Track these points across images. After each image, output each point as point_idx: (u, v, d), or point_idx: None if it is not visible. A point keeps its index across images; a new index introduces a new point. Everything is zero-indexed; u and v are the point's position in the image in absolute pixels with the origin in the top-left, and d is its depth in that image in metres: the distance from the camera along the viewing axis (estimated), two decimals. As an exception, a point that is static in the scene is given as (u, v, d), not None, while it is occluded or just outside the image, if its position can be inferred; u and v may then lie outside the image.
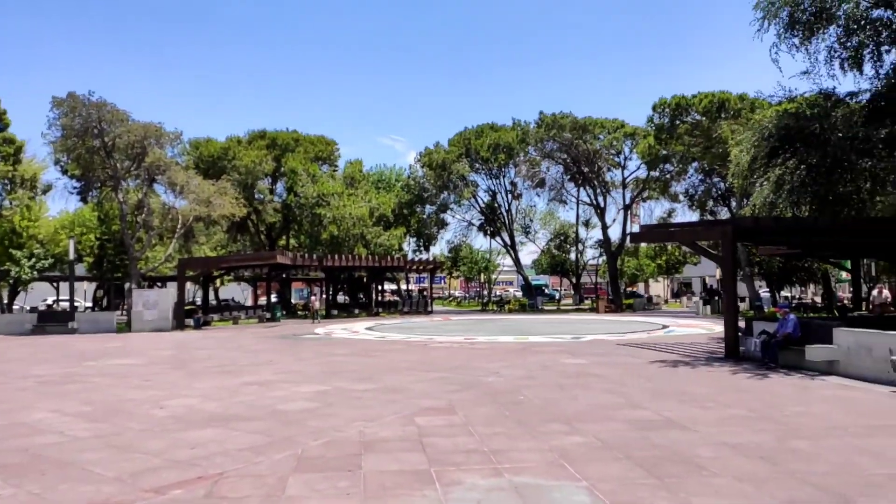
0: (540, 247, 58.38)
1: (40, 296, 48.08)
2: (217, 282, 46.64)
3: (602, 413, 8.30)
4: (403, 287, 52.94)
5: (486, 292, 61.45)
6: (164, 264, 33.85)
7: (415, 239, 50.72)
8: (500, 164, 46.93)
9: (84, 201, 38.03)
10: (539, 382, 11.01)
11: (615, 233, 48.41)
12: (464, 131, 48.04)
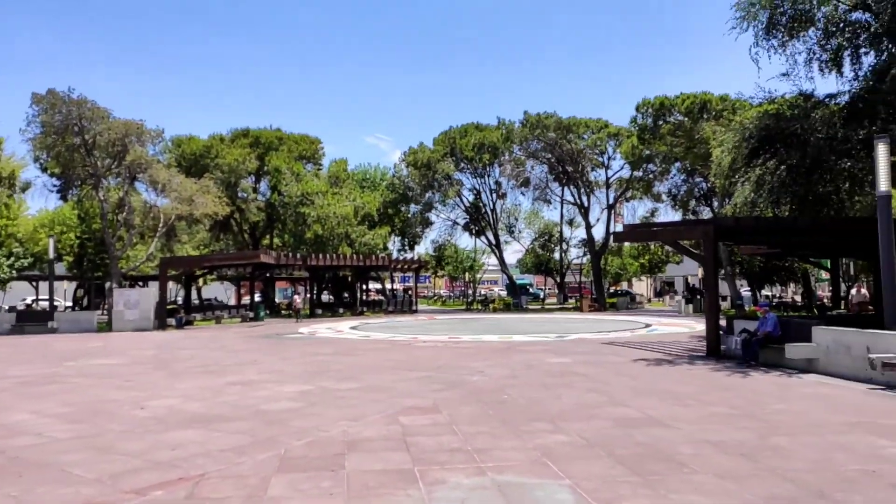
0: (524, 246, 58.61)
1: (19, 295, 47.33)
2: (200, 281, 46.27)
3: (585, 411, 8.34)
4: (388, 286, 52.91)
5: (470, 291, 61.52)
6: (146, 263, 33.52)
7: (399, 238, 50.68)
8: (484, 163, 47.00)
9: (64, 199, 37.52)
10: (523, 381, 11.05)
11: (599, 232, 48.76)
12: (449, 130, 48.04)
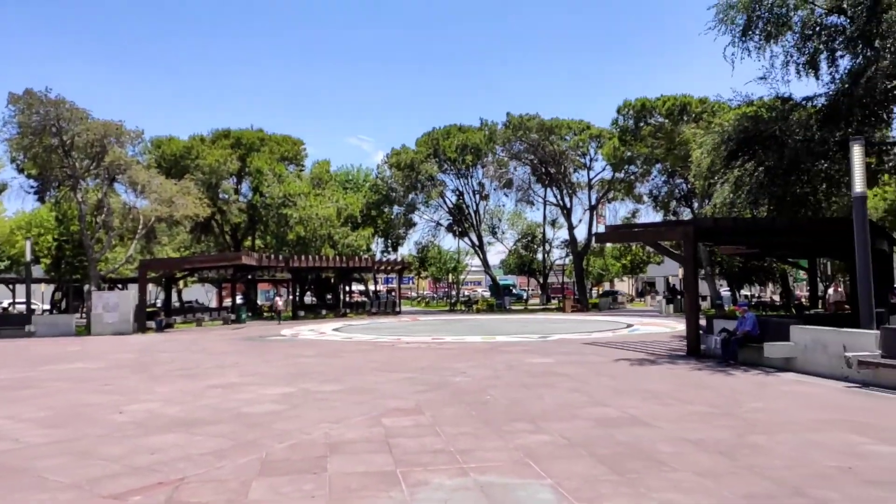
0: (508, 247, 58.78)
1: (-5, 298, 46.62)
2: (180, 283, 45.80)
3: (567, 411, 8.39)
4: (371, 288, 52.74)
5: (454, 292, 61.58)
6: (125, 266, 33.11)
7: (383, 239, 50.57)
8: (467, 164, 47.07)
9: (41, 201, 36.99)
10: (506, 382, 11.09)
11: (581, 233, 49.06)
12: (431, 132, 48.04)
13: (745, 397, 9.39)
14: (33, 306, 31.77)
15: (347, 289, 46.02)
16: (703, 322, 16.17)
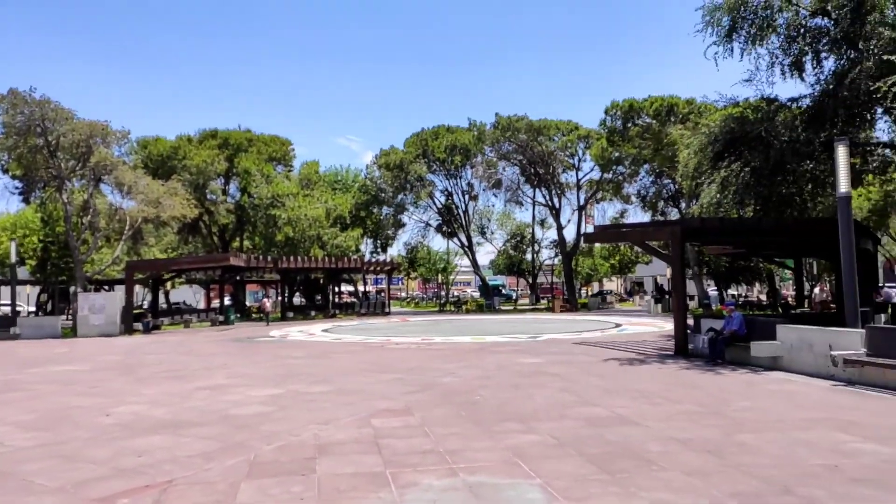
0: (497, 247, 58.85)
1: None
2: (168, 284, 45.43)
3: (557, 411, 8.41)
4: (361, 288, 52.61)
5: (443, 293, 61.56)
6: (112, 267, 32.85)
7: (372, 240, 50.47)
8: (456, 165, 47.10)
9: (26, 202, 36.57)
10: (495, 382, 11.10)
11: (570, 233, 49.24)
12: (420, 132, 48.02)
13: (732, 396, 9.45)
14: (18, 308, 31.43)
15: (336, 290, 45.90)
16: (690, 322, 16.27)
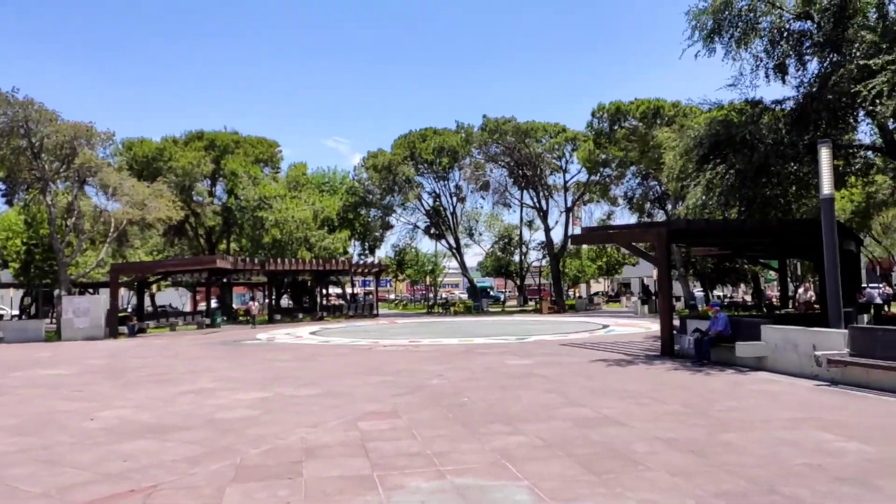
0: (485, 249, 58.91)
1: (-39, 304, 45.41)
2: (153, 287, 45.02)
3: (544, 412, 8.43)
4: (348, 290, 52.49)
5: (431, 295, 61.52)
6: (97, 270, 32.47)
7: (360, 242, 50.33)
8: (444, 167, 47.10)
9: (10, 204, 36.11)
10: (483, 384, 11.11)
11: (558, 235, 49.38)
12: (408, 134, 47.97)
13: (717, 396, 9.53)
14: (1, 312, 31.06)
15: (324, 292, 45.74)
16: (676, 322, 16.37)
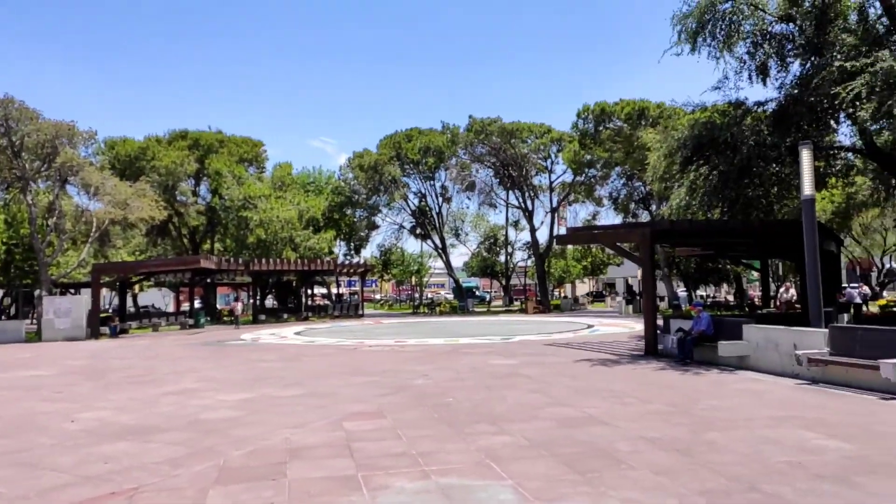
0: (471, 249, 58.95)
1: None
2: (136, 288, 44.58)
3: (528, 412, 8.46)
4: (334, 291, 52.27)
5: (417, 295, 61.46)
6: (78, 270, 32.13)
7: (345, 242, 50.16)
8: (430, 167, 47.08)
9: (-10, 203, 35.63)
10: (468, 384, 11.11)
11: (543, 235, 49.56)
12: (394, 134, 47.87)
13: (700, 395, 9.61)
14: (-20, 312, 30.62)
15: (309, 292, 45.57)
16: (660, 322, 16.48)
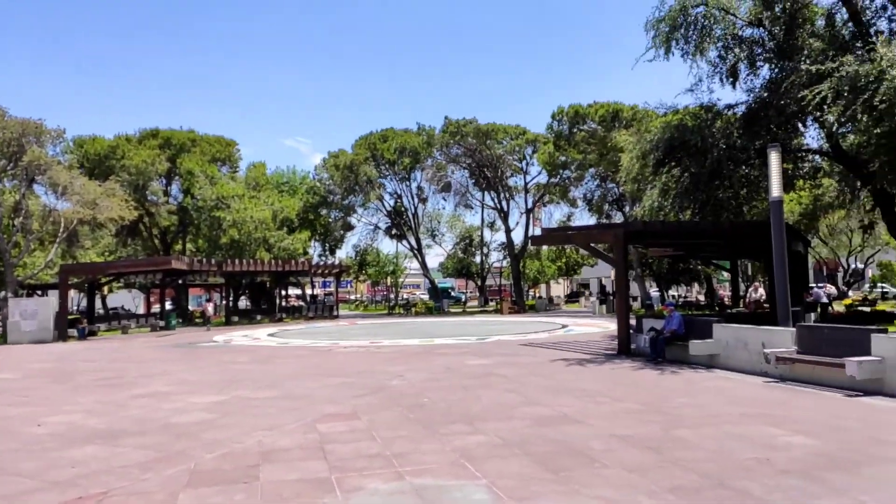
0: (446, 250, 59.04)
1: None
2: (105, 289, 43.80)
3: (503, 412, 8.50)
4: (308, 292, 51.87)
5: (393, 296, 61.33)
6: (45, 271, 31.47)
7: (320, 243, 49.85)
8: (406, 167, 47.04)
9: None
10: (443, 384, 11.13)
11: (518, 236, 49.80)
12: (369, 135, 47.71)
13: (671, 393, 9.75)
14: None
15: (283, 293, 45.18)
16: (633, 322, 16.68)
